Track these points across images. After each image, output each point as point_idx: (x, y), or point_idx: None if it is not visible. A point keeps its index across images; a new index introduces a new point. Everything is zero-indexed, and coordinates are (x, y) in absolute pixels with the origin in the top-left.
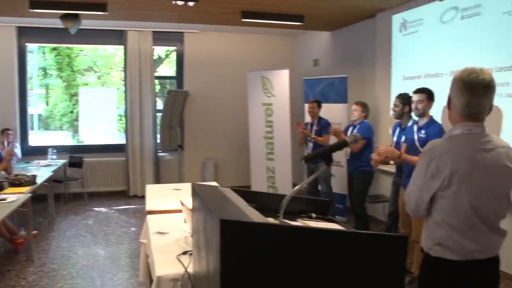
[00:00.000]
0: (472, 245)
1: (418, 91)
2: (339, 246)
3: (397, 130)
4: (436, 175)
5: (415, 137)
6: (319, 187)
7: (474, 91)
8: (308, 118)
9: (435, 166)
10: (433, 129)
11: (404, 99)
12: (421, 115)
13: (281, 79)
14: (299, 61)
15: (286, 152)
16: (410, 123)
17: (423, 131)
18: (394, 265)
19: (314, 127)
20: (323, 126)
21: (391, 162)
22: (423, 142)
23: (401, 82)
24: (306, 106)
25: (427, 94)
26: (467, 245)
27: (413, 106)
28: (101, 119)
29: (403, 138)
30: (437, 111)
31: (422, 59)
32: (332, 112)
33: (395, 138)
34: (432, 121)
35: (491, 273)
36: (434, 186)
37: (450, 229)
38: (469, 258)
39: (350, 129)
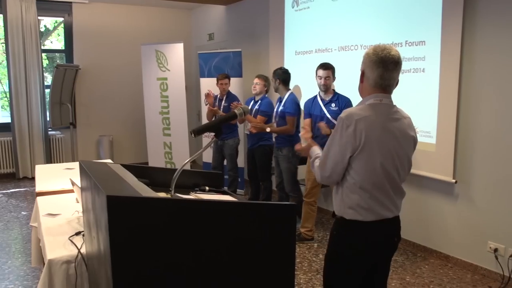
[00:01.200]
0: (381, 206)
1: (326, 67)
2: (231, 217)
3: (277, 104)
4: (352, 140)
5: (325, 111)
6: (225, 163)
7: (387, 65)
8: (204, 93)
9: (352, 131)
10: (343, 100)
11: (276, 74)
12: (327, 90)
13: (176, 53)
14: (194, 35)
15: (183, 127)
16: (286, 96)
17: (333, 105)
18: (285, 232)
19: (223, 103)
20: (232, 101)
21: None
22: (337, 114)
23: (294, 57)
24: (202, 80)
25: (333, 70)
26: (377, 206)
27: (320, 81)
28: None
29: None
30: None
31: (313, 34)
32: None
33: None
34: (337, 94)
35: (395, 229)
36: (350, 150)
37: (363, 192)
38: (379, 218)
39: (251, 103)
